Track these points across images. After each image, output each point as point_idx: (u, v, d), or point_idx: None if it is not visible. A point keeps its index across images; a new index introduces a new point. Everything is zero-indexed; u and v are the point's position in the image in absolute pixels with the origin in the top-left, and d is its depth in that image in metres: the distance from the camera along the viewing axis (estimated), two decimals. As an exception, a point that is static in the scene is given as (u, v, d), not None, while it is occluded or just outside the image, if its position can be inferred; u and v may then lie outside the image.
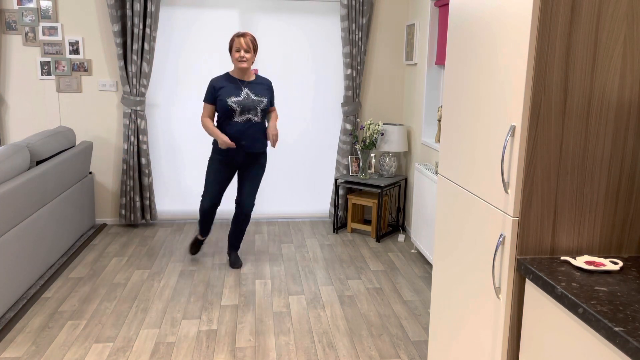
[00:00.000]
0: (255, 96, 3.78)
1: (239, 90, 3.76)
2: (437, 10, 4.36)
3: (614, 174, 1.68)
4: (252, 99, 3.76)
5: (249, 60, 3.74)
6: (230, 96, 3.73)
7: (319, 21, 5.00)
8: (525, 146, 1.64)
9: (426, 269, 4.10)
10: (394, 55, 5.09)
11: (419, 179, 4.28)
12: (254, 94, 3.79)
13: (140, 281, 3.78)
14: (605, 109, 1.64)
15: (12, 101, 4.77)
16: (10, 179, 3.34)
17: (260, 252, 4.41)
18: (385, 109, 5.19)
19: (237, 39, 3.70)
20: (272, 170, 5.25)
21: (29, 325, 3.14)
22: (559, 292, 1.46)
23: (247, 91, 3.77)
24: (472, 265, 1.98)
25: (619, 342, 1.22)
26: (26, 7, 4.62)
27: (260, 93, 3.82)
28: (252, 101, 3.76)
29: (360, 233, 4.93)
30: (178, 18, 4.86)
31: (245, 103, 3.75)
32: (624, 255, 1.72)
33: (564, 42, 1.58)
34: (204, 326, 3.18)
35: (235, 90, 3.75)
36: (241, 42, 3.69)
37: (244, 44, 3.69)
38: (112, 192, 5.03)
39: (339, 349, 2.95)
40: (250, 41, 3.71)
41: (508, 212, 1.71)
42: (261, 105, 3.79)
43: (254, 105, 3.77)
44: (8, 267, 3.21)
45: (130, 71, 4.66)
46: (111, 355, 2.84)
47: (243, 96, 3.75)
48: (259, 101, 3.78)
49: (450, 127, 2.21)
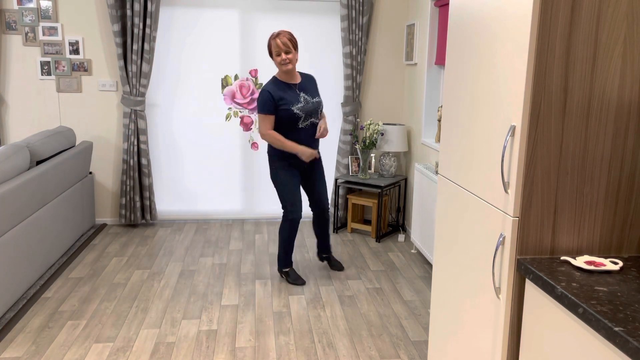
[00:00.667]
0: (312, 98, 3.62)
1: (296, 95, 3.56)
2: (437, 10, 4.36)
3: (614, 174, 1.68)
4: (311, 102, 3.59)
5: (292, 60, 3.47)
6: (293, 103, 3.52)
7: (319, 21, 5.00)
8: (525, 146, 1.64)
9: (426, 269, 4.10)
10: (394, 55, 5.09)
11: (419, 179, 4.28)
12: (310, 96, 3.62)
13: (140, 281, 3.78)
14: (605, 109, 1.64)
15: (12, 101, 4.77)
16: (10, 179, 3.34)
17: (260, 252, 4.41)
18: (385, 109, 5.19)
19: (274, 41, 3.44)
20: (272, 170, 5.24)
21: (29, 325, 3.14)
22: (559, 292, 1.46)
23: (304, 95, 3.58)
24: (472, 265, 1.98)
25: (619, 342, 1.22)
26: (26, 7, 4.62)
27: (314, 94, 3.66)
28: (312, 104, 3.60)
29: (360, 233, 4.93)
30: (178, 18, 4.87)
31: (307, 108, 3.57)
32: (624, 255, 1.72)
33: (564, 42, 1.58)
34: (204, 326, 3.18)
35: (295, 97, 3.55)
36: (278, 43, 3.43)
37: (282, 45, 3.43)
38: (112, 192, 5.03)
39: (339, 349, 2.95)
40: (288, 40, 3.44)
41: (508, 212, 1.71)
42: (320, 107, 3.65)
43: (315, 109, 3.61)
44: (8, 267, 3.21)
45: (130, 71, 4.66)
46: (111, 355, 2.84)
47: (303, 101, 3.55)
48: (317, 103, 3.63)
49: (450, 127, 2.21)
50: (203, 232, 4.88)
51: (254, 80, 5.06)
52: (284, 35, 3.43)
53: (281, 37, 3.42)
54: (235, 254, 4.34)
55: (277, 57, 3.46)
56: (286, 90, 3.54)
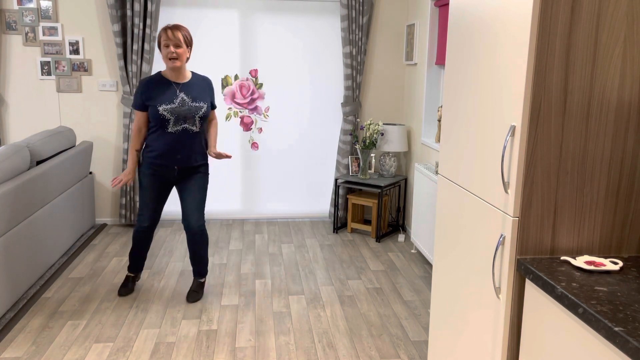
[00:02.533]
0: (193, 102, 3.24)
1: (173, 95, 3.22)
2: (437, 10, 4.36)
3: (614, 174, 1.68)
4: (188, 106, 3.22)
5: (182, 56, 3.17)
6: (163, 103, 3.19)
7: (319, 21, 5.00)
8: (525, 146, 1.64)
9: (426, 269, 4.10)
10: (394, 55, 5.09)
11: (419, 179, 4.28)
12: (191, 98, 3.24)
13: (140, 281, 3.78)
14: (605, 109, 1.64)
15: (12, 101, 4.77)
16: (10, 179, 3.34)
17: (260, 252, 4.41)
18: (385, 109, 5.19)
19: (164, 32, 3.13)
20: (272, 170, 5.25)
21: (29, 325, 3.14)
22: (559, 292, 1.46)
23: (183, 96, 3.22)
24: (472, 265, 1.98)
25: (619, 342, 1.22)
26: (26, 7, 4.62)
27: (199, 97, 3.27)
28: (189, 108, 3.22)
29: (360, 233, 4.93)
30: (178, 18, 4.86)
31: (181, 111, 3.20)
32: (624, 255, 1.72)
33: (564, 42, 1.58)
34: (204, 326, 3.18)
35: (169, 96, 3.21)
36: (169, 35, 3.12)
37: (172, 36, 3.12)
38: (112, 192, 5.03)
39: (339, 349, 2.95)
40: (182, 34, 3.16)
41: (508, 212, 1.71)
42: (200, 113, 3.25)
43: (192, 113, 3.22)
44: (8, 267, 3.21)
45: (130, 71, 4.66)
46: (111, 355, 2.84)
47: (178, 102, 3.21)
48: (197, 108, 3.24)
49: (450, 127, 2.21)
50: (203, 232, 4.88)
51: (254, 81, 5.06)
52: (177, 28, 3.15)
53: (174, 29, 3.14)
54: (235, 254, 4.34)
55: (165, 49, 3.15)
56: (162, 87, 3.22)
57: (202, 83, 3.35)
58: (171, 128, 3.23)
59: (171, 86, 3.24)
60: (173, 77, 3.27)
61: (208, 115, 3.34)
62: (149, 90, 3.23)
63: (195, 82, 3.33)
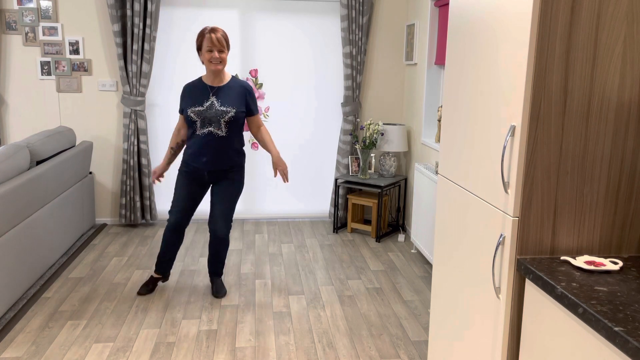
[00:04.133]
0: (221, 106, 3.24)
1: (204, 98, 3.26)
2: (437, 10, 4.36)
3: (614, 174, 1.68)
4: (215, 110, 3.23)
5: (224, 60, 3.21)
6: (193, 105, 3.25)
7: (319, 21, 5.00)
8: (525, 146, 1.64)
9: (426, 269, 4.10)
10: (394, 55, 5.09)
11: (419, 179, 4.28)
12: (220, 102, 3.25)
13: (140, 281, 3.78)
14: (605, 109, 1.64)
15: (12, 101, 4.77)
16: (10, 179, 3.34)
17: (260, 252, 4.41)
18: (385, 109, 5.19)
19: (208, 35, 3.14)
20: (272, 170, 5.24)
21: (29, 325, 3.14)
22: (559, 292, 1.46)
23: (214, 99, 3.25)
24: (472, 265, 1.99)
25: (618, 342, 1.22)
26: (26, 7, 4.62)
27: (228, 102, 3.26)
28: (216, 112, 3.23)
29: (360, 233, 4.93)
30: (178, 18, 4.87)
31: (207, 114, 3.23)
32: (624, 255, 1.72)
33: (564, 42, 1.58)
34: (204, 326, 3.18)
35: (200, 98, 3.26)
36: (213, 39, 3.14)
37: (217, 41, 3.15)
38: (112, 192, 5.03)
39: (339, 349, 2.95)
40: (224, 38, 3.19)
41: (508, 212, 1.71)
42: (225, 117, 3.23)
43: (217, 117, 3.23)
44: (8, 267, 3.21)
45: (130, 71, 4.66)
46: (111, 355, 2.84)
47: (206, 105, 3.24)
48: (223, 112, 3.23)
49: (450, 127, 2.21)
50: (203, 232, 4.88)
51: (254, 80, 5.06)
52: (219, 32, 3.16)
53: (217, 33, 3.15)
54: (235, 254, 4.34)
55: (208, 54, 3.16)
56: (198, 90, 3.29)
57: (239, 88, 3.33)
58: (199, 130, 3.28)
59: (206, 89, 3.29)
60: (210, 80, 3.31)
61: (238, 121, 3.30)
62: (187, 94, 3.33)
63: (232, 86, 3.32)
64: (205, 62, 3.22)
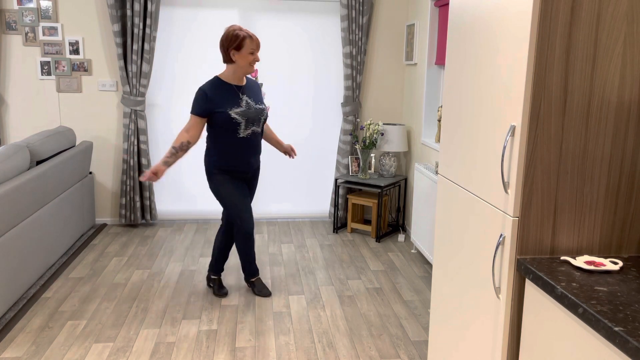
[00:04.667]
0: (256, 104, 3.30)
1: (237, 98, 3.23)
2: (437, 10, 4.36)
3: (614, 174, 1.68)
4: (254, 108, 3.27)
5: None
6: (232, 107, 3.19)
7: (319, 21, 5.00)
8: (525, 146, 1.64)
9: (426, 269, 4.10)
10: (394, 55, 5.09)
11: (419, 179, 4.28)
12: (254, 101, 3.29)
13: (140, 281, 3.78)
14: (605, 109, 1.64)
15: (12, 101, 4.77)
16: (10, 179, 3.34)
17: (260, 252, 4.41)
18: (385, 109, 5.19)
19: (250, 39, 3.16)
20: (273, 170, 5.25)
21: (29, 325, 3.14)
22: (559, 292, 1.46)
23: (247, 99, 3.26)
24: (472, 265, 1.98)
25: (618, 342, 1.22)
26: (26, 7, 4.62)
27: (259, 99, 3.34)
28: (255, 110, 3.27)
29: (360, 233, 4.93)
30: (178, 18, 4.87)
31: (249, 114, 3.23)
32: (624, 255, 1.72)
33: (564, 42, 1.58)
34: (204, 326, 3.18)
35: (234, 100, 3.22)
36: (256, 42, 3.19)
37: (258, 45, 3.21)
38: (112, 192, 5.03)
39: (339, 349, 2.95)
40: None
41: (508, 212, 1.71)
42: (264, 114, 3.32)
43: (258, 116, 3.28)
44: (8, 267, 3.21)
45: (130, 71, 4.66)
46: (111, 355, 2.84)
47: (245, 106, 3.23)
48: (261, 110, 3.30)
49: (450, 127, 2.21)
50: (203, 232, 4.88)
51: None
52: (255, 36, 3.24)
53: (255, 36, 3.19)
54: (235, 254, 4.34)
55: (250, 56, 3.18)
56: (226, 91, 3.22)
57: (256, 86, 3.40)
58: (242, 132, 3.24)
59: (233, 90, 3.24)
60: (235, 80, 3.26)
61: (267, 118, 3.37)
62: (215, 95, 3.19)
63: (251, 85, 3.36)
64: (243, 63, 3.18)
